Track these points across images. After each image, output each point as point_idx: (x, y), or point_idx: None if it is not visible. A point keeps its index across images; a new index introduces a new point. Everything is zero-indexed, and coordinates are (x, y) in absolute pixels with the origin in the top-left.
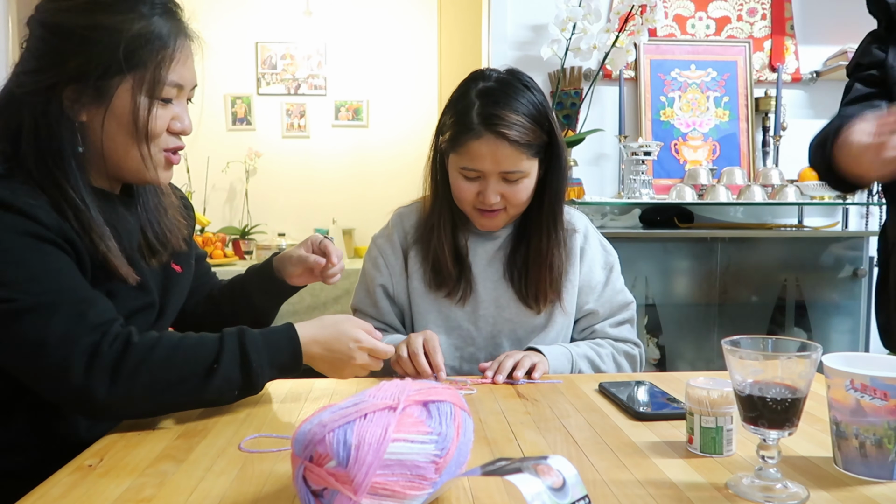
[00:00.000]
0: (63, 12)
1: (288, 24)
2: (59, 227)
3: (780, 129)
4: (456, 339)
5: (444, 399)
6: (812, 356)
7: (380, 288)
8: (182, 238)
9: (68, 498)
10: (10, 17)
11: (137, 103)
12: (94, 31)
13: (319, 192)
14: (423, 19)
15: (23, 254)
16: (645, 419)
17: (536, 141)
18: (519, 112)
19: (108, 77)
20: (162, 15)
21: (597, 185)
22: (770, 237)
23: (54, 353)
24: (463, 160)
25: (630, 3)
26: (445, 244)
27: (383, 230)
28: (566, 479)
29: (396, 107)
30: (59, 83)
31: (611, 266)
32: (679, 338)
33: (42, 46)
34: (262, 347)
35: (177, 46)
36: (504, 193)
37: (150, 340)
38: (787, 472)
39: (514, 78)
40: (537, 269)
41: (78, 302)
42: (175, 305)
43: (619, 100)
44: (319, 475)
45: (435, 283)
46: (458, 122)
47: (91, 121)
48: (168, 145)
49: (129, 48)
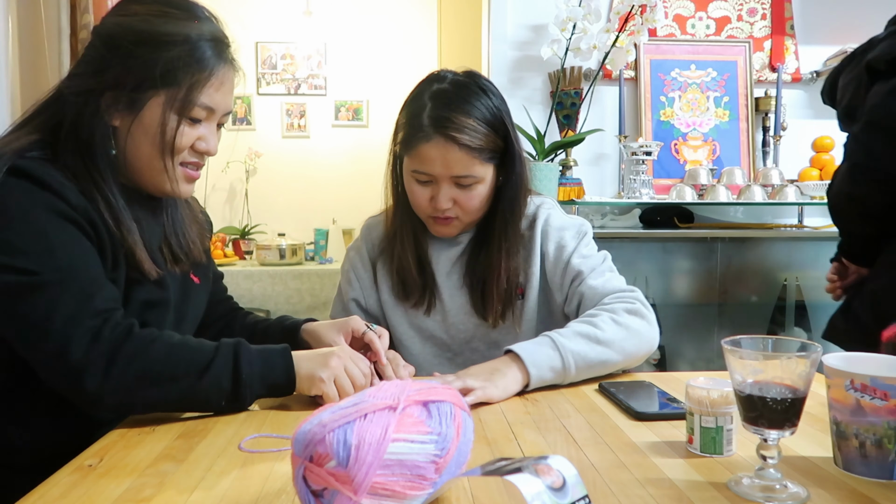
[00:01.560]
0: (117, 26)
1: (288, 24)
2: (84, 208)
3: (780, 129)
4: (432, 347)
5: (444, 399)
6: (812, 356)
7: (353, 302)
8: (203, 250)
9: (68, 498)
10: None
11: (166, 118)
12: (137, 47)
13: (319, 192)
14: (423, 19)
15: (46, 227)
16: (645, 419)
17: (490, 146)
18: (472, 116)
19: (143, 90)
20: (208, 41)
21: (597, 185)
22: (770, 237)
23: (57, 332)
24: (414, 163)
25: (630, 3)
26: (409, 252)
27: (355, 242)
28: (566, 479)
29: (396, 107)
30: (99, 88)
31: (583, 234)
32: (679, 338)
33: (92, 54)
34: (256, 362)
35: (213, 72)
36: (457, 199)
37: (150, 334)
38: (787, 472)
39: (471, 81)
40: (489, 282)
41: (88, 283)
42: (194, 315)
43: (619, 100)
44: (319, 475)
45: (402, 293)
46: (410, 124)
47: (121, 127)
48: (188, 160)
49: (166, 66)
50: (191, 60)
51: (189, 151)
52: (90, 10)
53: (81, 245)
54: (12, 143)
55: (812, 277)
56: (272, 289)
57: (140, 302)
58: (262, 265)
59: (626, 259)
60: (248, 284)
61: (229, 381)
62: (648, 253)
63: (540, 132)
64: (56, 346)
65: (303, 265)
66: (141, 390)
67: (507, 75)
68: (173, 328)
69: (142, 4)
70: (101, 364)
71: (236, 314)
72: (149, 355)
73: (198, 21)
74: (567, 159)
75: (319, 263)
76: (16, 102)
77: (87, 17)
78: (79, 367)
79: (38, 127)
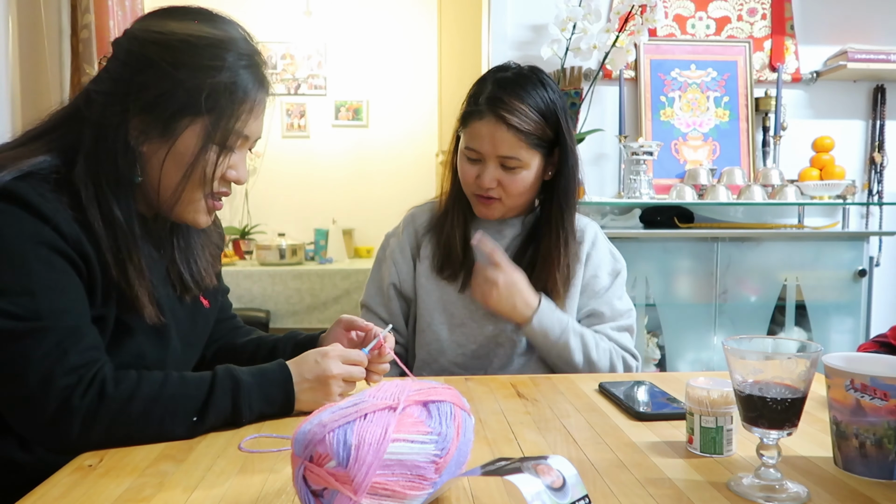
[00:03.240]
0: (151, 44)
1: (288, 24)
2: (77, 240)
3: (780, 129)
4: (459, 336)
5: (444, 399)
6: (812, 356)
7: (392, 287)
8: (214, 273)
9: (68, 498)
10: (10, 17)
11: (204, 147)
12: (178, 70)
13: (319, 192)
14: (423, 19)
15: (31, 264)
16: (645, 419)
17: (538, 133)
18: (525, 101)
19: (180, 116)
20: (247, 68)
21: (597, 185)
22: (770, 237)
23: (30, 387)
24: (467, 139)
25: (630, 3)
26: (457, 230)
27: (395, 228)
28: (566, 479)
29: (396, 107)
30: (130, 111)
31: (617, 273)
32: (679, 338)
33: (122, 71)
34: (255, 399)
35: (257, 101)
36: (501, 180)
37: (127, 390)
38: (787, 472)
39: (532, 73)
40: (544, 268)
41: (67, 332)
42: (201, 337)
43: (619, 100)
44: (319, 475)
45: (441, 266)
46: (469, 103)
47: (149, 153)
48: (216, 190)
49: (211, 94)
50: (235, 88)
51: (219, 181)
52: (90, 10)
53: (67, 282)
54: (18, 159)
55: (812, 277)
56: (272, 289)
57: (138, 331)
58: (262, 265)
59: (626, 259)
60: (248, 284)
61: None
62: (648, 253)
63: None
64: (28, 402)
65: (303, 265)
66: (121, 444)
67: None
68: (180, 355)
69: (178, 21)
70: (76, 426)
71: (237, 332)
72: (128, 416)
73: (238, 43)
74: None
75: (319, 263)
76: (16, 103)
77: (87, 17)
78: (51, 428)
79: (50, 144)
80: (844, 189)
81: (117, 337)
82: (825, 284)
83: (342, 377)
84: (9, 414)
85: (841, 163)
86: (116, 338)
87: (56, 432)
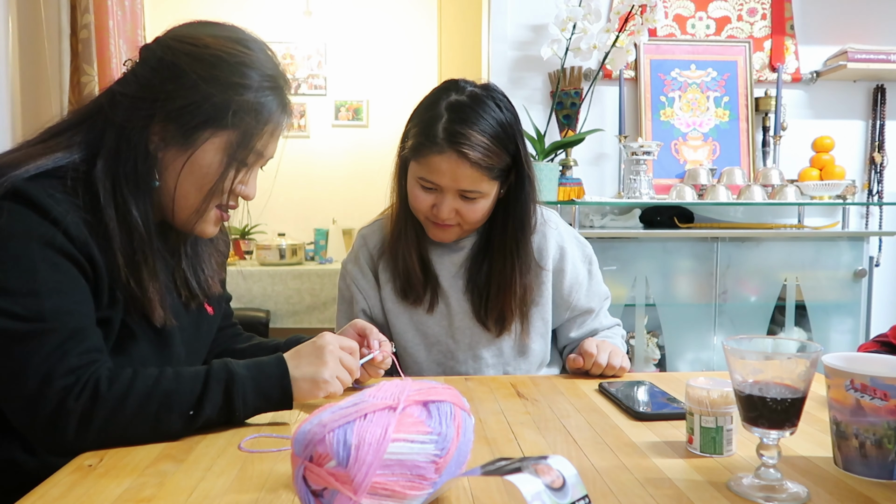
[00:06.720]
0: (184, 55)
1: (288, 24)
2: (84, 242)
3: (780, 129)
4: (436, 354)
5: (444, 399)
6: (812, 356)
7: (362, 313)
8: (219, 280)
9: (68, 498)
10: (10, 17)
11: (221, 161)
12: (208, 83)
13: (319, 192)
14: (423, 19)
15: (36, 265)
16: (645, 419)
17: (499, 164)
18: (486, 133)
19: (203, 128)
20: (274, 90)
21: (597, 185)
22: (770, 237)
23: (29, 388)
24: (422, 171)
25: (630, 3)
26: (412, 251)
27: (350, 254)
28: (566, 479)
29: (396, 107)
30: (154, 117)
31: (589, 258)
32: (679, 338)
33: (151, 77)
34: (250, 393)
35: (277, 122)
36: (459, 210)
37: (120, 389)
38: (787, 472)
39: (487, 95)
40: (499, 293)
41: (69, 334)
42: (204, 344)
43: (619, 100)
44: (319, 475)
45: (405, 291)
46: (423, 133)
47: (167, 160)
48: (224, 202)
49: (238, 111)
50: (261, 108)
51: (230, 195)
52: (90, 10)
53: (72, 285)
54: (38, 156)
55: (812, 277)
56: (272, 289)
57: (143, 336)
58: (262, 265)
59: (626, 259)
60: (248, 284)
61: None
62: (648, 253)
63: (540, 132)
64: (28, 402)
65: (303, 265)
66: (119, 443)
67: (507, 75)
68: (183, 361)
69: (214, 37)
70: (72, 427)
71: (238, 339)
72: (123, 414)
73: (266, 65)
74: (567, 159)
75: (319, 263)
76: (15, 102)
77: (87, 17)
78: (49, 428)
79: (71, 140)
80: (844, 189)
81: (121, 342)
82: (825, 284)
83: (339, 346)
84: (10, 414)
85: (841, 163)
86: (120, 342)
87: (53, 434)
